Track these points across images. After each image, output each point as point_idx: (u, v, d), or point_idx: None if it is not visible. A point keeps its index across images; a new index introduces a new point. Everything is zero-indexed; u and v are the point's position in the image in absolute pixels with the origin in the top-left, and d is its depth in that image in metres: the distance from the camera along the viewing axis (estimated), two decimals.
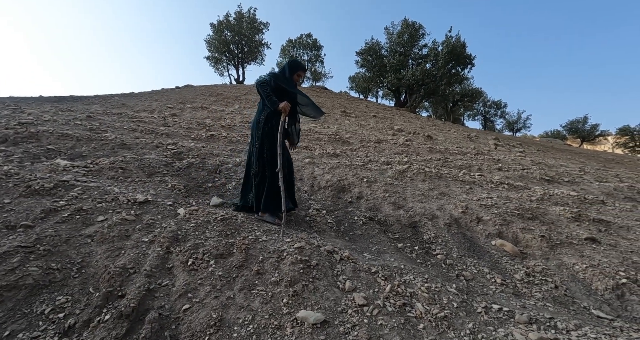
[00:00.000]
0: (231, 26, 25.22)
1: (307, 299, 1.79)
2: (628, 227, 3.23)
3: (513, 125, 36.30)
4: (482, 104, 35.45)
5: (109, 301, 1.61)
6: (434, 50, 22.67)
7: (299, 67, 2.90)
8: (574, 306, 2.13)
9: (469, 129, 19.99)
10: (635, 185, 5.82)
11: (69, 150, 3.97)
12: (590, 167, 8.73)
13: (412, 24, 24.18)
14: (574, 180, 5.77)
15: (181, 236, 2.20)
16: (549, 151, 13.32)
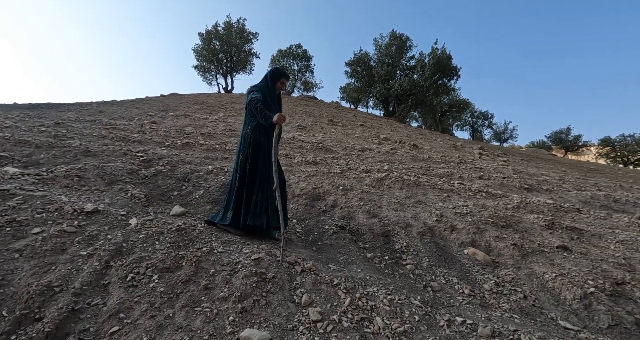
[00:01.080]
0: (220, 36, 25.29)
1: (256, 316, 1.63)
2: (600, 235, 3.18)
3: (500, 135, 37.08)
4: (469, 114, 36.21)
5: (20, 326, 1.41)
6: (420, 61, 23.17)
7: (281, 74, 2.77)
8: (542, 317, 2.01)
9: (456, 138, 20.25)
10: (612, 194, 5.86)
11: (25, 157, 3.74)
12: (570, 176, 8.84)
13: (400, 36, 24.80)
14: (553, 189, 5.78)
15: (125, 249, 2.02)
16: (532, 161, 13.51)
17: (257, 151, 2.54)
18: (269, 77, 2.70)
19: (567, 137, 33.82)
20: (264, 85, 2.67)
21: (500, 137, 36.82)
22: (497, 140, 37.07)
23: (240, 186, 2.54)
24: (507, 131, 36.61)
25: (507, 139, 36.92)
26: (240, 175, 2.55)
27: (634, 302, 2.16)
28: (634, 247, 2.95)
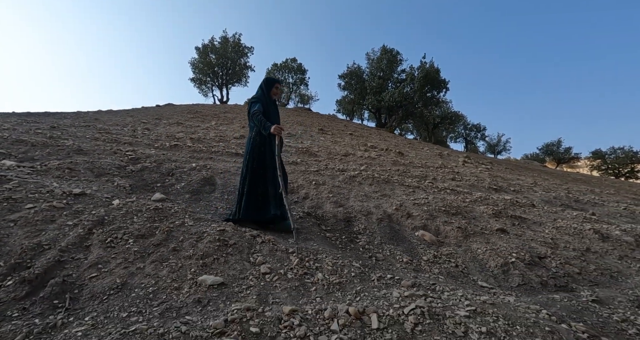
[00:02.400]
0: (216, 49, 26.08)
1: (214, 269, 1.94)
2: (541, 223, 3.53)
3: (494, 147, 37.54)
4: (462, 127, 36.94)
5: (15, 271, 1.71)
6: (410, 74, 24.03)
7: (274, 81, 3.06)
8: (464, 279, 2.34)
9: (444, 148, 20.75)
10: (578, 196, 6.26)
11: (21, 154, 4.05)
12: (546, 182, 9.25)
13: (390, 51, 25.80)
14: (520, 190, 6.15)
15: (107, 221, 2.33)
16: (517, 170, 13.84)
17: (261, 152, 2.83)
18: (264, 86, 3.00)
19: (558, 149, 34.33)
20: (262, 95, 2.95)
21: (494, 149, 37.42)
22: (491, 152, 37.67)
23: (247, 184, 2.80)
24: (501, 143, 37.20)
25: (501, 151, 37.50)
26: (246, 175, 2.82)
27: (546, 269, 2.49)
28: (566, 232, 3.31)
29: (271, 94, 3.02)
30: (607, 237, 3.23)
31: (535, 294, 2.21)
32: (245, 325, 1.44)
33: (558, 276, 2.46)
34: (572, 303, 2.07)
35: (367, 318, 1.61)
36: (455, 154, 15.15)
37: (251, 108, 2.85)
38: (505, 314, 1.75)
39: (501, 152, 37.42)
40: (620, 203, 6.16)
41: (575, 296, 2.19)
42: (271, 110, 2.95)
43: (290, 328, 1.46)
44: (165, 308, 1.57)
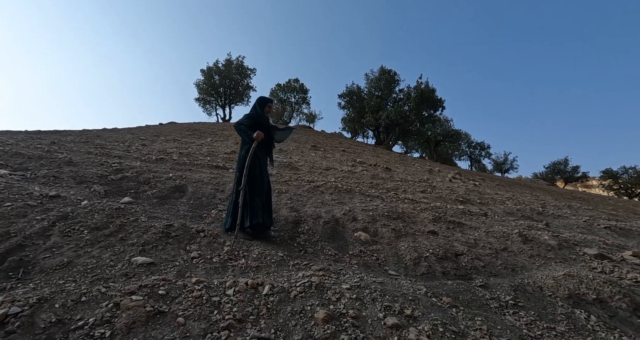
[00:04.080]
0: (220, 71, 27.41)
1: (150, 253, 2.32)
2: (476, 228, 3.83)
3: (501, 166, 36.92)
4: (467, 145, 37.05)
5: None
6: (407, 94, 24.84)
7: (267, 100, 3.48)
8: (378, 268, 2.66)
9: (438, 165, 20.99)
10: (545, 209, 6.51)
11: (17, 164, 4.55)
12: (525, 198, 9.45)
13: (388, 71, 26.86)
14: (487, 203, 6.42)
15: (71, 216, 2.74)
16: (509, 186, 13.86)
17: (250, 168, 3.07)
18: (257, 105, 3.42)
19: (565, 168, 33.75)
20: (255, 113, 3.35)
21: (501, 168, 37.16)
22: (498, 171, 37.39)
23: (236, 196, 3.06)
24: (508, 162, 36.67)
25: (508, 170, 37.13)
26: (237, 188, 3.10)
27: (453, 262, 2.81)
28: (494, 235, 3.61)
29: (264, 112, 3.42)
30: (530, 240, 3.52)
31: (432, 280, 2.52)
32: (155, 289, 1.81)
33: (462, 268, 2.77)
34: (459, 287, 2.38)
35: (262, 288, 1.96)
36: (447, 171, 15.40)
37: (237, 121, 3.27)
38: (384, 289, 2.08)
39: (508, 171, 37.02)
40: (586, 217, 6.37)
41: (467, 282, 2.50)
42: (263, 124, 3.31)
43: (191, 291, 1.82)
44: (96, 278, 1.94)
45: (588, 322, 2.11)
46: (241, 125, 3.18)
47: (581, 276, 2.61)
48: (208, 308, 1.72)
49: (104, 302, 1.65)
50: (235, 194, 3.13)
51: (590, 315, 2.18)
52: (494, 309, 2.16)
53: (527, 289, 2.47)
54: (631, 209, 11.41)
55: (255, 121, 3.26)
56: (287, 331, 1.63)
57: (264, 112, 3.43)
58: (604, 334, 1.99)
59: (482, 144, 36.84)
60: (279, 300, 1.86)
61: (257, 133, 3.03)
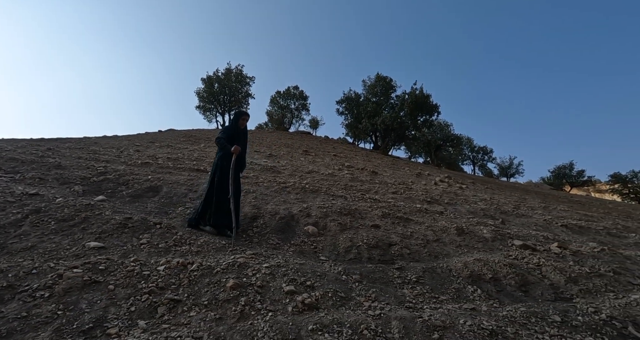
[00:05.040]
0: (220, 80, 28.18)
1: (105, 240, 2.69)
2: (421, 223, 4.16)
3: (506, 170, 36.57)
4: (469, 149, 37.00)
5: None
6: (402, 99, 25.29)
7: (242, 114, 3.84)
8: (311, 255, 3.01)
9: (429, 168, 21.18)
10: (512, 210, 6.79)
11: (10, 168, 4.99)
12: (501, 198, 9.70)
13: (384, 78, 27.42)
14: (455, 203, 6.69)
15: (43, 210, 3.13)
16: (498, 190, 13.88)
17: (222, 172, 3.44)
18: (234, 119, 3.80)
19: (571, 172, 33.20)
20: (231, 126, 3.73)
21: (506, 172, 36.96)
22: (503, 175, 37.11)
23: (208, 196, 3.44)
24: (513, 166, 36.25)
25: (514, 174, 36.76)
26: (209, 188, 3.50)
27: (382, 250, 3.16)
28: (433, 229, 3.93)
29: (239, 125, 3.76)
30: (465, 233, 3.84)
31: (355, 264, 2.86)
32: (97, 265, 2.18)
33: (388, 255, 3.10)
34: (375, 268, 2.72)
35: (191, 266, 2.32)
36: (438, 174, 15.65)
37: (217, 135, 3.66)
38: (300, 268, 2.43)
39: (514, 175, 36.65)
40: (549, 217, 6.63)
41: (387, 266, 2.84)
42: (240, 137, 3.68)
43: (126, 267, 2.19)
44: (51, 258, 2.32)
45: (472, 294, 2.43)
46: (221, 139, 3.55)
47: (489, 260, 2.92)
48: (137, 279, 2.08)
49: (51, 274, 2.03)
50: (205, 194, 3.50)
51: (477, 289, 2.49)
52: (396, 284, 2.49)
53: (437, 270, 2.79)
54: (626, 212, 11.51)
55: (231, 133, 3.63)
56: (198, 295, 1.99)
57: (239, 124, 3.76)
58: (478, 302, 2.31)
59: (484, 148, 36.76)
60: (201, 275, 2.22)
61: (234, 148, 3.39)
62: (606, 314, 2.12)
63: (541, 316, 2.06)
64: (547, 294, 2.52)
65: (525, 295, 2.52)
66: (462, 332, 1.75)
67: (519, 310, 2.14)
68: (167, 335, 1.56)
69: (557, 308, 2.21)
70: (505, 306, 2.26)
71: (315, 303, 2.01)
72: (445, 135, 32.11)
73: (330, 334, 1.69)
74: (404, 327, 1.78)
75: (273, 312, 1.90)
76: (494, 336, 1.75)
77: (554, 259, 3.22)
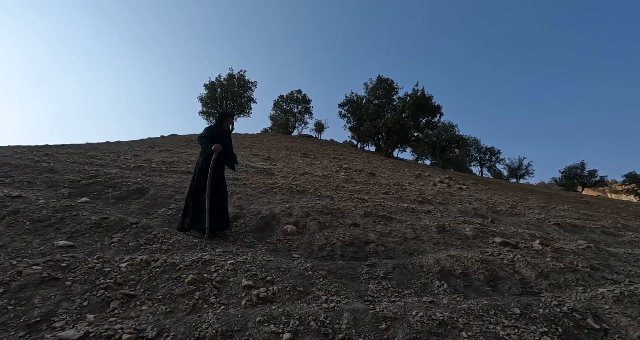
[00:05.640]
0: (222, 85, 28.56)
1: (75, 239, 2.73)
2: (403, 221, 4.12)
3: (515, 171, 36.00)
4: (476, 150, 36.53)
5: None
6: (403, 101, 25.28)
7: (227, 115, 3.88)
8: (284, 253, 3.02)
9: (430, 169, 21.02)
10: (504, 209, 6.69)
11: (3, 173, 5.11)
12: (499, 198, 9.57)
13: (386, 80, 27.50)
14: (448, 203, 6.62)
15: (21, 211, 3.19)
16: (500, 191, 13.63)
17: (203, 174, 3.42)
18: (218, 119, 3.82)
19: (582, 172, 32.40)
20: (215, 126, 3.76)
21: (516, 173, 36.14)
22: (513, 176, 36.48)
23: (189, 198, 3.41)
24: (522, 167, 35.85)
25: (523, 175, 35.92)
26: (191, 191, 3.43)
27: (356, 247, 3.14)
28: (414, 227, 3.91)
29: (223, 126, 3.79)
30: (446, 231, 3.80)
31: (326, 261, 2.85)
32: (59, 262, 2.21)
33: (362, 252, 3.08)
34: (345, 265, 2.71)
35: (154, 262, 2.34)
36: (438, 176, 15.52)
37: (200, 134, 3.66)
38: (265, 264, 2.44)
39: (524, 176, 35.92)
40: (543, 215, 6.52)
41: (358, 262, 2.82)
42: (223, 137, 3.69)
43: (87, 264, 2.21)
44: (17, 256, 2.35)
45: (438, 288, 2.40)
46: (203, 138, 3.57)
47: (461, 257, 2.89)
48: (96, 275, 2.11)
49: (10, 271, 2.06)
50: (188, 197, 3.49)
51: (444, 284, 2.46)
52: (363, 279, 2.47)
53: (408, 267, 2.76)
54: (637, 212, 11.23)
55: (213, 133, 3.64)
56: (154, 290, 2.00)
57: (223, 125, 3.79)
58: (442, 296, 2.29)
59: (492, 149, 36.27)
60: (163, 271, 2.23)
61: (215, 146, 3.39)
62: (568, 306, 2.08)
63: (501, 309, 2.03)
64: (515, 289, 2.47)
65: (493, 289, 2.48)
66: (410, 323, 1.73)
67: (480, 303, 2.11)
68: (108, 328, 1.57)
69: (521, 301, 2.17)
70: (468, 300, 2.23)
71: (271, 297, 2.01)
72: (450, 136, 31.89)
73: (276, 325, 1.68)
74: (353, 318, 1.77)
75: (225, 305, 1.90)
76: (443, 326, 1.73)
77: (532, 255, 3.16)
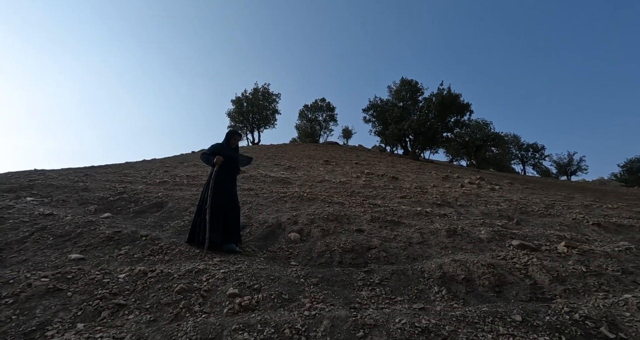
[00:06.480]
0: (248, 99, 29.75)
1: (88, 252, 2.93)
2: (411, 226, 3.96)
3: (565, 168, 33.30)
4: (516, 147, 34.29)
5: None
6: (428, 101, 24.60)
7: (233, 133, 4.01)
8: (283, 261, 3.04)
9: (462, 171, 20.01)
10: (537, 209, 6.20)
11: (45, 193, 5.64)
12: (535, 198, 8.89)
13: (410, 82, 27.00)
14: (471, 205, 6.25)
15: (48, 228, 3.49)
16: (540, 189, 12.57)
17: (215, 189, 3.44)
18: (226, 136, 3.96)
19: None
20: (218, 144, 3.85)
21: (566, 170, 33.27)
22: (562, 174, 33.63)
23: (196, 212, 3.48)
24: (573, 163, 32.90)
25: (575, 172, 32.89)
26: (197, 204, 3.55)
27: (357, 253, 3.09)
28: (422, 231, 3.75)
29: (230, 143, 3.93)
30: (457, 235, 3.60)
31: (322, 268, 2.82)
32: (66, 274, 2.38)
33: (362, 258, 3.01)
34: (342, 271, 2.68)
35: (151, 273, 2.44)
36: (468, 176, 14.75)
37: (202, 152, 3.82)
38: (256, 273, 2.48)
39: (575, 173, 32.94)
40: (584, 216, 5.93)
41: (356, 269, 2.76)
42: (227, 153, 3.75)
43: (89, 275, 2.36)
44: (34, 269, 2.57)
45: (435, 295, 2.26)
46: (204, 154, 3.74)
47: (467, 261, 2.70)
48: (95, 286, 2.24)
49: (23, 283, 2.25)
50: (196, 210, 3.56)
51: (443, 290, 2.31)
52: (356, 286, 2.40)
53: (407, 272, 2.63)
54: None
55: (216, 150, 3.73)
56: (144, 300, 2.09)
57: (230, 143, 3.91)
58: (438, 302, 2.14)
59: (534, 145, 33.74)
60: (156, 281, 2.32)
61: (216, 158, 3.50)
62: (581, 313, 1.86)
63: (500, 316, 1.86)
64: (523, 294, 2.26)
65: (498, 295, 2.29)
66: (390, 330, 1.64)
67: (479, 310, 1.95)
68: (89, 336, 1.66)
69: (526, 308, 1.97)
70: (467, 306, 2.07)
71: (255, 305, 2.01)
72: (484, 134, 30.31)
73: (250, 333, 1.68)
74: (331, 326, 1.72)
75: (207, 314, 1.93)
76: (425, 334, 1.62)
77: (551, 258, 2.88)
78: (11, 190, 5.59)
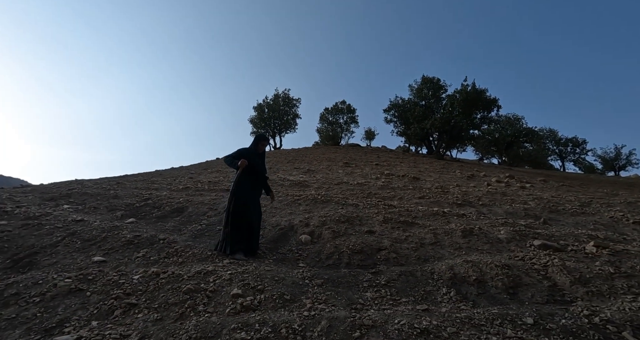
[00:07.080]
0: (269, 105, 30.40)
1: (109, 255, 3.12)
2: (424, 226, 3.85)
3: (612, 163, 30.79)
4: (553, 142, 32.23)
5: (9, 255, 3.17)
6: (452, 98, 23.87)
7: (261, 138, 3.99)
8: (292, 263, 3.06)
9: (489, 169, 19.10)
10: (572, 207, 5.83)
11: (80, 200, 6.08)
12: (570, 196, 8.33)
13: (432, 79, 26.33)
14: (492, 204, 5.97)
15: (77, 233, 3.75)
16: (579, 186, 11.69)
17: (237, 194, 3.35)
18: (254, 141, 3.85)
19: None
20: (250, 147, 3.78)
21: (614, 165, 30.59)
22: (609, 169, 31.06)
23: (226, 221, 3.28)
24: (621, 157, 30.19)
25: (624, 166, 30.12)
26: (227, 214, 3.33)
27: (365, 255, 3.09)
28: (436, 231, 3.64)
29: (258, 148, 3.83)
30: (473, 235, 3.45)
31: (329, 269, 2.81)
32: (87, 276, 2.55)
33: (371, 259, 2.98)
34: (349, 273, 2.67)
35: (163, 274, 2.56)
36: (496, 175, 14.07)
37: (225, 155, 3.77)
38: (262, 274, 2.53)
39: (625, 167, 30.12)
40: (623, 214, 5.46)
41: (363, 270, 2.73)
42: (254, 157, 3.68)
43: (107, 276, 2.51)
44: (61, 270, 2.77)
45: (443, 296, 2.17)
46: (228, 157, 3.68)
47: (480, 262, 2.57)
48: (111, 286, 2.38)
49: (50, 283, 2.44)
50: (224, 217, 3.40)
51: (452, 291, 2.22)
52: (362, 287, 2.37)
53: (416, 274, 2.56)
54: None
55: (242, 154, 3.63)
56: (154, 300, 2.19)
57: (258, 148, 3.84)
58: (445, 304, 2.06)
59: (573, 139, 31.44)
60: (167, 282, 2.43)
61: (241, 161, 3.37)
62: (602, 317, 1.72)
63: (511, 318, 1.76)
64: (539, 297, 2.12)
65: (511, 297, 2.16)
66: (387, 331, 1.61)
67: (488, 312, 1.86)
68: (99, 333, 1.77)
69: (541, 311, 1.85)
70: (476, 308, 1.98)
71: (256, 305, 2.05)
72: (516, 130, 28.78)
73: (247, 332, 1.71)
74: (328, 326, 1.71)
75: (210, 313, 1.99)
76: (424, 335, 1.57)
77: (575, 259, 2.68)
78: (52, 199, 6.08)
